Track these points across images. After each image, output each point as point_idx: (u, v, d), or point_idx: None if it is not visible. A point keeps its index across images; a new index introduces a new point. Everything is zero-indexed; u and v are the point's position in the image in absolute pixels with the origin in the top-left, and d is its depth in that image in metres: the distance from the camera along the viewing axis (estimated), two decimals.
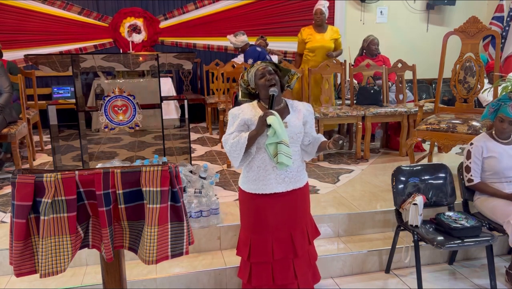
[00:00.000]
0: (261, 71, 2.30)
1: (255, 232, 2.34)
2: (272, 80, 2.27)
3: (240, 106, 2.38)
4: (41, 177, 1.54)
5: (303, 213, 2.40)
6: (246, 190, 2.36)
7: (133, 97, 3.50)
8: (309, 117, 2.38)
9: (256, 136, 2.22)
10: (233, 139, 2.24)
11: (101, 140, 5.53)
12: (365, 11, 6.93)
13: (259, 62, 2.36)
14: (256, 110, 2.32)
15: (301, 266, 2.38)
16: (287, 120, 2.29)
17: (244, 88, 2.43)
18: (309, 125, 2.38)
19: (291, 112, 2.34)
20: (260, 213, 2.32)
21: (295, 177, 2.33)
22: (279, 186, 2.29)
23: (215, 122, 6.29)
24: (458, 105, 4.00)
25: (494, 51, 5.60)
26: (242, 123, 2.28)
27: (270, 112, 2.17)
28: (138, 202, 1.67)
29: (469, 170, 2.91)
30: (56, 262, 1.58)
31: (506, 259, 3.18)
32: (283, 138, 2.18)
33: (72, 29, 6.24)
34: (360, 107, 4.64)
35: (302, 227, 2.39)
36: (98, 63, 3.72)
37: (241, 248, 2.43)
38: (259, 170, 2.29)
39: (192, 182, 3.06)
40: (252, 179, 2.32)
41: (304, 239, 2.38)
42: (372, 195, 3.57)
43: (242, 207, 2.44)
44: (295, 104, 2.40)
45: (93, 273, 2.75)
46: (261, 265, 2.34)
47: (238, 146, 2.21)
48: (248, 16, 6.63)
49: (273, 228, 2.32)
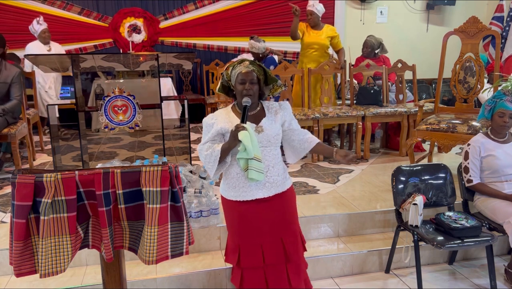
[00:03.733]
0: (243, 76, 2.19)
1: (243, 238, 2.27)
2: (250, 90, 2.18)
3: (214, 114, 2.31)
4: (41, 177, 1.54)
5: (291, 216, 2.32)
6: (227, 197, 2.29)
7: (133, 97, 3.50)
8: (286, 116, 2.30)
9: (229, 150, 2.16)
10: (206, 150, 2.19)
11: (101, 140, 5.53)
12: (365, 11, 6.93)
13: (247, 63, 2.23)
14: (230, 118, 2.26)
15: (295, 271, 2.31)
16: (262, 124, 2.23)
17: (224, 81, 2.33)
18: (287, 123, 2.30)
19: (267, 115, 2.27)
20: (245, 219, 2.25)
21: (277, 182, 2.24)
22: (259, 191, 2.22)
23: None
24: (458, 105, 4.01)
25: (494, 51, 5.60)
26: (216, 133, 2.22)
27: (241, 127, 2.09)
28: (138, 202, 1.67)
29: (468, 170, 2.91)
30: (56, 262, 1.58)
31: (506, 259, 3.18)
32: (253, 155, 2.10)
33: (72, 29, 6.25)
34: (360, 107, 4.64)
35: (293, 230, 2.31)
36: (98, 63, 3.72)
37: (229, 255, 2.36)
38: (238, 176, 2.22)
39: (192, 182, 3.07)
40: (231, 186, 2.25)
41: (297, 243, 2.31)
42: (372, 195, 3.57)
43: (226, 214, 2.36)
44: (271, 106, 2.32)
45: (93, 273, 2.75)
46: (253, 271, 2.27)
47: (212, 158, 2.16)
48: (248, 16, 6.64)
49: (261, 233, 2.25)
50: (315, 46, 4.87)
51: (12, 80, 3.96)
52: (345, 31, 6.80)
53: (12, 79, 3.95)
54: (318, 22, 4.86)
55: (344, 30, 6.80)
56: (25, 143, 4.49)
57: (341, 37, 6.44)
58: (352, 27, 6.86)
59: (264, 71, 2.27)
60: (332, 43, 4.94)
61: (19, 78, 4.03)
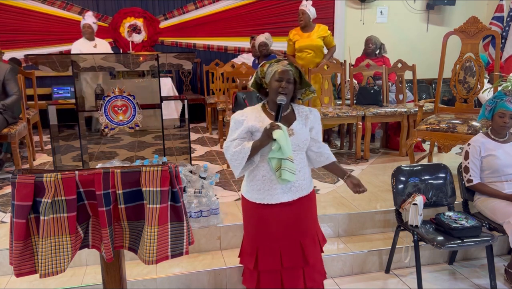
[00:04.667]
0: (280, 74, 2.15)
1: (261, 241, 2.23)
2: (285, 89, 2.14)
3: (244, 111, 2.24)
4: (41, 177, 1.54)
5: (311, 220, 2.29)
6: (250, 199, 2.24)
7: (133, 97, 3.50)
8: (315, 123, 2.27)
9: (260, 148, 2.11)
10: (235, 148, 2.13)
11: (101, 140, 5.53)
12: (365, 11, 6.93)
13: (285, 62, 2.19)
14: (261, 116, 2.20)
15: (312, 275, 2.27)
16: (293, 127, 2.18)
17: (258, 78, 2.28)
18: (315, 131, 2.27)
19: (297, 119, 2.22)
20: (265, 222, 2.21)
21: (302, 185, 2.22)
22: (285, 195, 2.18)
23: (215, 123, 6.28)
24: (458, 105, 4.01)
25: (494, 51, 5.60)
26: (246, 130, 2.16)
27: (276, 125, 2.04)
28: (138, 202, 1.67)
29: (468, 170, 2.91)
30: (56, 262, 1.58)
31: (506, 259, 3.18)
32: (288, 155, 2.07)
33: (72, 29, 6.24)
34: (360, 107, 4.64)
35: (312, 234, 2.27)
36: (98, 63, 3.72)
37: (245, 257, 2.30)
38: (264, 179, 2.17)
39: (192, 182, 3.06)
40: (256, 188, 2.20)
41: (315, 246, 2.27)
42: (372, 195, 3.57)
43: (246, 215, 2.31)
44: (302, 110, 2.27)
45: (93, 273, 2.75)
46: (270, 273, 2.23)
47: (240, 155, 2.11)
48: (248, 16, 6.64)
49: (280, 237, 2.21)
50: (307, 50, 4.92)
51: (5, 77, 3.95)
52: (345, 31, 6.80)
53: (4, 76, 3.95)
54: (309, 23, 4.90)
55: (344, 30, 6.80)
56: (25, 143, 4.49)
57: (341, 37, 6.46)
58: (352, 27, 6.86)
59: (300, 73, 2.22)
60: (325, 42, 4.95)
61: (11, 74, 4.02)
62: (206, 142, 5.47)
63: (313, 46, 4.89)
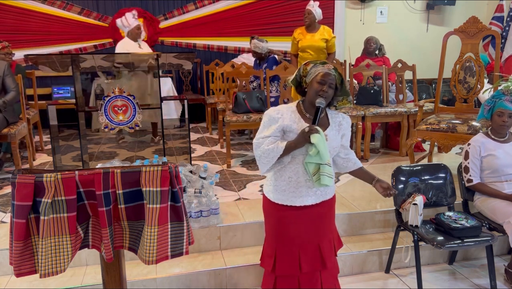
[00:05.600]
0: (324, 77, 2.10)
1: (281, 243, 2.21)
2: (326, 93, 2.09)
3: (279, 109, 2.18)
4: (41, 177, 1.54)
5: (329, 223, 2.29)
6: (273, 200, 2.21)
7: (133, 97, 3.50)
8: (347, 130, 2.25)
9: (293, 149, 2.08)
10: (267, 145, 2.08)
11: (101, 141, 5.53)
12: (365, 11, 6.93)
13: (331, 66, 2.14)
14: (296, 117, 2.16)
15: (329, 278, 2.27)
16: (327, 133, 2.15)
17: (298, 76, 2.23)
18: (345, 139, 2.25)
19: (331, 124, 2.20)
20: (287, 224, 2.19)
21: (326, 189, 2.20)
22: (309, 198, 2.17)
23: (215, 123, 6.29)
24: (458, 105, 4.01)
25: (494, 51, 5.60)
26: (280, 128, 2.12)
27: (315, 129, 2.01)
28: (138, 202, 1.66)
29: (468, 170, 2.91)
30: (56, 262, 1.58)
31: (506, 259, 3.18)
32: (327, 160, 2.04)
33: (72, 29, 6.24)
34: (360, 107, 4.64)
35: (329, 237, 2.27)
36: (98, 63, 3.72)
37: (265, 259, 2.28)
38: (290, 180, 2.14)
39: (192, 182, 3.06)
40: (281, 189, 2.17)
41: (331, 250, 2.27)
42: (372, 195, 3.56)
43: (267, 216, 2.28)
44: (335, 116, 2.23)
45: (93, 273, 2.75)
46: (287, 279, 2.22)
47: (272, 154, 2.07)
48: (248, 16, 6.64)
49: (300, 239, 2.19)
50: (309, 50, 4.93)
51: (4, 73, 3.97)
52: (345, 31, 6.80)
53: (3, 72, 3.96)
54: (314, 23, 4.90)
55: (344, 30, 6.80)
56: (25, 143, 4.49)
57: (341, 37, 6.45)
58: (352, 27, 6.86)
59: (342, 80, 2.19)
60: (327, 45, 4.95)
61: (10, 70, 4.04)
62: (206, 142, 5.47)
63: (315, 47, 4.89)
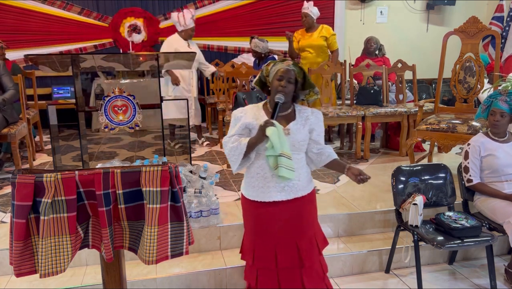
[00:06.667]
0: (282, 73, 2.18)
1: (258, 237, 2.26)
2: (285, 88, 2.16)
3: (244, 108, 2.29)
4: (41, 177, 1.54)
5: (309, 221, 2.29)
6: (247, 196, 2.29)
7: (133, 97, 3.50)
8: (316, 124, 2.27)
9: (255, 145, 2.15)
10: (232, 143, 2.18)
11: (101, 140, 5.53)
12: (365, 11, 6.93)
13: (289, 62, 2.21)
14: (260, 114, 2.24)
15: (311, 277, 2.27)
16: (290, 127, 2.20)
17: (262, 76, 2.31)
18: (316, 133, 2.27)
19: (297, 119, 2.24)
20: (261, 220, 2.25)
21: (297, 186, 2.22)
22: (278, 194, 2.20)
23: (215, 123, 6.28)
24: (458, 105, 4.01)
25: (494, 51, 5.60)
26: (243, 126, 2.21)
27: (270, 122, 2.08)
28: (138, 202, 1.67)
29: (468, 170, 2.91)
30: (56, 262, 1.58)
31: (506, 259, 3.18)
32: (281, 151, 2.09)
33: (72, 29, 6.24)
34: (360, 107, 4.64)
35: (309, 236, 2.27)
36: (98, 63, 3.71)
37: (245, 253, 2.35)
38: (258, 176, 2.21)
39: (192, 182, 3.06)
40: (251, 185, 2.25)
41: (313, 249, 2.27)
42: (372, 195, 3.57)
43: (244, 212, 2.36)
44: (303, 111, 2.28)
45: (93, 273, 2.75)
46: (266, 271, 2.26)
47: (237, 151, 2.15)
48: (248, 16, 6.63)
49: (276, 235, 2.23)
50: (308, 49, 4.95)
51: (0, 72, 3.97)
52: (345, 31, 6.80)
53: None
54: (312, 24, 4.92)
55: (344, 30, 6.80)
56: (25, 143, 4.49)
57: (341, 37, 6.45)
58: (352, 27, 6.85)
59: (304, 74, 2.23)
60: (327, 43, 4.95)
61: (6, 69, 4.04)
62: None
63: (314, 45, 4.89)
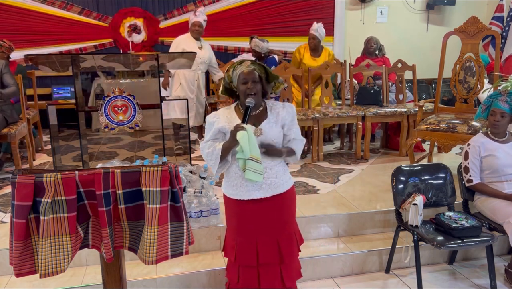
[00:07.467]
0: (245, 76, 2.17)
1: (239, 235, 2.29)
2: (253, 89, 2.17)
3: (217, 113, 2.31)
4: (41, 177, 1.54)
5: (288, 218, 2.33)
6: (228, 195, 2.32)
7: (133, 97, 3.50)
8: (287, 119, 2.26)
9: (229, 148, 2.17)
10: (207, 148, 2.22)
11: (101, 140, 5.53)
12: (365, 11, 6.93)
13: (248, 63, 2.21)
14: (232, 117, 2.25)
15: (291, 273, 2.31)
16: (262, 126, 2.21)
17: (226, 83, 2.30)
18: (287, 128, 2.27)
19: (269, 117, 2.24)
20: (242, 217, 2.28)
21: (274, 183, 2.23)
22: (256, 192, 2.23)
23: None
24: (458, 105, 4.01)
25: (494, 51, 5.60)
26: (217, 131, 2.24)
27: (240, 127, 2.09)
28: (138, 202, 1.67)
29: (468, 170, 2.91)
30: (56, 262, 1.58)
31: (506, 259, 3.18)
32: (250, 155, 2.09)
33: (72, 29, 6.23)
34: (360, 107, 4.64)
35: (289, 232, 2.31)
36: (98, 63, 3.71)
37: (228, 250, 2.38)
38: (236, 176, 2.24)
39: (192, 182, 3.07)
40: (231, 184, 2.28)
41: (292, 245, 2.31)
42: (372, 195, 3.57)
43: (226, 210, 2.39)
44: (275, 106, 2.28)
45: (93, 273, 2.75)
46: (248, 268, 2.28)
47: (213, 156, 2.20)
48: (248, 16, 6.63)
49: (257, 232, 2.26)
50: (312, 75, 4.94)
51: (2, 71, 3.98)
52: (345, 31, 6.80)
53: (1, 70, 3.97)
54: (318, 46, 4.98)
55: (344, 30, 6.80)
56: (25, 144, 4.49)
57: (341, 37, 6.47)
58: (352, 27, 6.85)
59: (265, 69, 2.25)
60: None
61: (8, 68, 4.06)
62: None
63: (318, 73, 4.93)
